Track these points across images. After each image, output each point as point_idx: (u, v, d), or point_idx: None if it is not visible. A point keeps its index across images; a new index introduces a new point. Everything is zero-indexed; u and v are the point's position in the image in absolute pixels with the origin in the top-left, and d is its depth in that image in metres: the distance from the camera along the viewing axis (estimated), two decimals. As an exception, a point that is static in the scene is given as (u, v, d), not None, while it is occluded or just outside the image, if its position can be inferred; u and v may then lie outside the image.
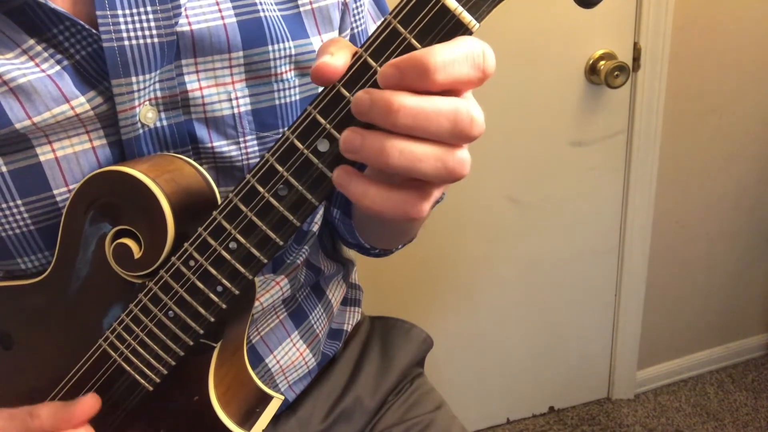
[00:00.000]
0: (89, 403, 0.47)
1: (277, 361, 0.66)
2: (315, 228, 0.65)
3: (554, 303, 1.56)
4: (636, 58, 1.31)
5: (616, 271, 1.57)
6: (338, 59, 0.36)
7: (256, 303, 0.61)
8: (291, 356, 0.67)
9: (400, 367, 0.76)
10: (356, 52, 0.37)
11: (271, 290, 0.63)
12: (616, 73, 1.26)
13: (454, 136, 0.34)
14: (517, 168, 1.37)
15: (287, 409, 0.70)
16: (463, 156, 0.35)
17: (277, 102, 0.53)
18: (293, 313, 0.68)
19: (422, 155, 0.34)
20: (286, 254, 0.63)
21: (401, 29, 0.35)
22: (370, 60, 0.36)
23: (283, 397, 0.55)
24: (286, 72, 0.52)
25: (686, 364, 1.78)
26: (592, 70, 1.29)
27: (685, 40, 1.34)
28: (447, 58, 0.33)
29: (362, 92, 0.34)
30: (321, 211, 0.66)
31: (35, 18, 0.44)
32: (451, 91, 0.34)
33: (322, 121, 0.38)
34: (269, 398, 0.54)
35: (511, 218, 1.42)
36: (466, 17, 0.35)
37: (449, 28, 0.35)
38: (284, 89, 0.53)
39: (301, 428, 0.69)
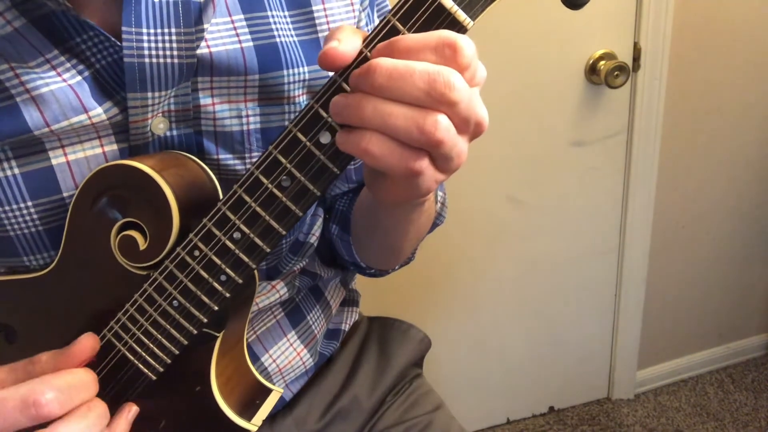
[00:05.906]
0: (87, 342, 0.46)
1: (273, 360, 0.67)
2: (312, 240, 0.66)
3: (554, 303, 1.57)
4: (636, 58, 1.32)
5: (616, 271, 1.57)
6: (345, 45, 0.37)
7: (253, 306, 0.62)
8: (288, 356, 0.68)
9: (397, 367, 0.76)
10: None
11: (269, 293, 0.64)
12: (616, 73, 1.27)
13: (431, 97, 0.35)
14: (517, 168, 1.38)
15: (284, 408, 0.70)
16: (440, 120, 0.36)
17: (286, 123, 0.54)
18: (290, 312, 0.69)
19: (395, 110, 0.36)
20: (281, 264, 0.63)
21: (400, 26, 0.37)
22: (370, 56, 0.37)
23: (282, 390, 0.56)
24: (298, 96, 0.54)
25: (686, 364, 1.79)
26: (592, 70, 1.30)
27: (685, 40, 1.35)
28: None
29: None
30: (319, 222, 0.66)
31: (60, 27, 0.45)
32: None
33: (324, 114, 0.39)
34: (268, 391, 0.54)
35: (511, 218, 1.43)
36: (461, 15, 0.37)
37: (445, 26, 0.37)
38: (294, 112, 0.54)
39: (297, 427, 0.70)
